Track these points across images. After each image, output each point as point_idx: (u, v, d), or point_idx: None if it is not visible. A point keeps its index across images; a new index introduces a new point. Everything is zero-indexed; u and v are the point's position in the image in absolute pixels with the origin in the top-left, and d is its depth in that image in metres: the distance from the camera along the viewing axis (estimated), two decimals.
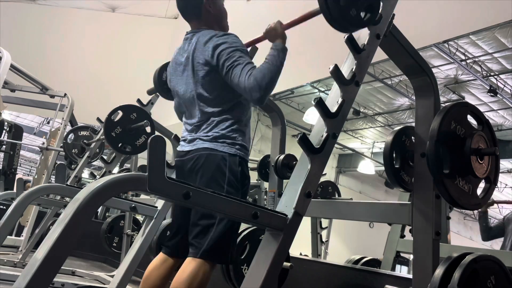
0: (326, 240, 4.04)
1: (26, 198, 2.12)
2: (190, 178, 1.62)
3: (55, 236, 0.87)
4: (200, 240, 1.51)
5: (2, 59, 3.92)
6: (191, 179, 1.61)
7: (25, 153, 14.83)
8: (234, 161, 1.59)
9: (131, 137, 2.91)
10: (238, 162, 1.60)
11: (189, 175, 1.63)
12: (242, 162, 1.63)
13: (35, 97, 4.91)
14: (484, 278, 1.14)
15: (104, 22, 7.75)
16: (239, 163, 1.60)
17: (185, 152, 1.67)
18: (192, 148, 1.64)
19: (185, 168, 1.65)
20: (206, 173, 1.57)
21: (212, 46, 1.59)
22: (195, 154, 1.62)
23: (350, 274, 2.23)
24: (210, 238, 1.50)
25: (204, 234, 1.52)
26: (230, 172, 1.57)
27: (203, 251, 1.49)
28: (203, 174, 1.58)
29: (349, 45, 1.33)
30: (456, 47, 6.29)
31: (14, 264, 3.28)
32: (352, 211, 1.82)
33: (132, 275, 2.05)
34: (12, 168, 5.52)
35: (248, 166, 1.71)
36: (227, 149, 1.58)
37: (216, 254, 1.51)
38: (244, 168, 1.64)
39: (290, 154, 2.38)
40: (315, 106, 1.23)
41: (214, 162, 1.57)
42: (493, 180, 1.38)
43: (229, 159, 1.57)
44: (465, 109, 1.39)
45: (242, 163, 1.63)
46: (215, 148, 1.59)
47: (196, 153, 1.62)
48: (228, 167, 1.57)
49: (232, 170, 1.58)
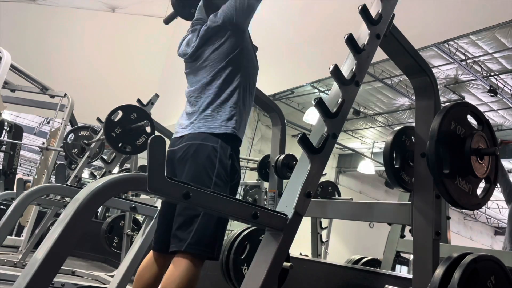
0: (326, 240, 4.05)
1: (26, 198, 2.12)
2: (179, 168, 1.60)
3: (55, 236, 0.87)
4: (184, 232, 1.46)
5: (2, 59, 3.92)
6: (180, 169, 1.59)
7: (25, 153, 14.84)
8: (225, 153, 1.57)
9: (131, 137, 2.91)
10: (228, 155, 1.58)
11: (179, 165, 1.61)
12: (233, 155, 1.61)
13: (35, 97, 4.91)
14: (484, 278, 1.14)
15: (104, 22, 7.76)
16: (229, 156, 1.59)
17: (177, 138, 1.67)
18: (185, 133, 1.64)
19: (175, 158, 1.63)
20: (196, 163, 1.55)
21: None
22: (186, 143, 1.61)
23: (350, 274, 2.23)
24: (194, 230, 1.45)
25: (188, 225, 1.47)
26: (220, 164, 1.54)
27: (187, 244, 1.44)
28: (192, 164, 1.56)
29: (349, 45, 1.33)
30: (456, 47, 6.29)
31: (14, 264, 3.28)
32: (352, 211, 1.82)
33: (132, 275, 2.05)
34: (12, 168, 5.53)
35: (239, 159, 1.69)
36: (223, 129, 1.58)
37: (201, 247, 1.45)
38: (235, 162, 1.63)
39: (290, 154, 2.38)
40: (315, 106, 1.23)
41: (204, 152, 1.55)
42: (493, 180, 1.38)
43: (220, 151, 1.56)
44: (465, 109, 1.39)
45: (233, 156, 1.61)
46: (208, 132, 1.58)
47: (187, 142, 1.61)
48: (218, 159, 1.55)
49: (222, 162, 1.55)
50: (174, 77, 7.44)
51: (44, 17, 7.36)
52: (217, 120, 1.61)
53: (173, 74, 7.52)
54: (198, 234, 1.45)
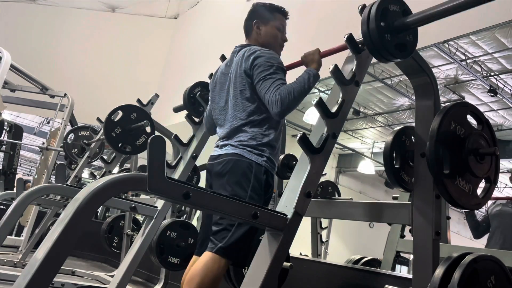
0: (326, 240, 4.04)
1: (26, 198, 2.12)
2: (217, 181, 1.70)
3: (55, 236, 0.87)
4: (219, 238, 1.57)
5: (2, 59, 3.92)
6: (217, 182, 1.69)
7: (25, 153, 14.83)
8: (260, 170, 1.65)
9: (131, 137, 2.91)
10: (263, 171, 1.66)
11: (216, 178, 1.71)
12: (268, 172, 1.69)
13: (35, 97, 4.92)
14: (484, 278, 1.14)
15: (104, 22, 7.77)
16: (264, 172, 1.67)
17: (215, 156, 1.75)
18: (222, 153, 1.72)
19: (213, 171, 1.73)
20: (232, 177, 1.64)
21: (253, 57, 1.70)
22: (225, 158, 1.69)
23: (350, 274, 2.23)
24: (229, 237, 1.56)
25: (224, 232, 1.57)
26: (255, 179, 1.63)
27: (219, 247, 1.55)
28: (229, 178, 1.65)
29: (349, 45, 1.33)
30: (456, 47, 6.28)
31: (14, 264, 3.28)
32: (352, 211, 1.82)
33: (132, 275, 2.05)
34: (12, 168, 5.52)
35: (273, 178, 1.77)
36: (254, 158, 1.65)
37: (231, 253, 1.56)
38: (269, 178, 1.71)
39: (290, 154, 2.38)
40: (315, 106, 1.23)
41: (241, 167, 1.64)
42: (493, 180, 1.38)
43: (255, 167, 1.64)
44: (465, 109, 1.39)
45: (268, 173, 1.69)
46: (243, 155, 1.65)
47: (225, 158, 1.69)
48: (254, 174, 1.63)
49: (257, 177, 1.64)
50: (174, 77, 7.44)
51: (44, 17, 7.36)
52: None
53: (173, 74, 7.53)
54: (232, 241, 1.55)
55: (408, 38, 1.33)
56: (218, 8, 6.72)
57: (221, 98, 1.83)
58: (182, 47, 7.52)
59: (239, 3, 5.50)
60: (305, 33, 4.50)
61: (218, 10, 6.72)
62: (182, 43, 7.54)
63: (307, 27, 4.64)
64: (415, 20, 1.28)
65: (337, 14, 4.34)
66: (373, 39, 1.25)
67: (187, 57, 7.20)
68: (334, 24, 4.30)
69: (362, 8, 1.32)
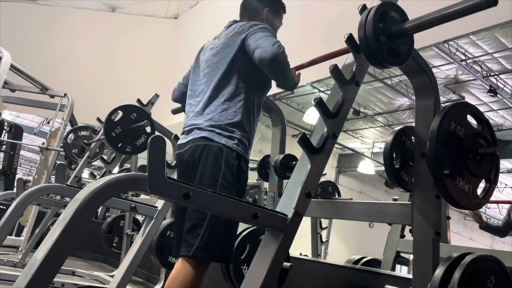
0: (326, 240, 4.04)
1: (26, 198, 2.12)
2: (188, 170, 1.60)
3: (55, 236, 0.87)
4: (192, 236, 1.47)
5: (2, 59, 3.92)
6: (189, 172, 1.59)
7: (25, 153, 14.83)
8: (231, 154, 1.56)
9: (131, 137, 2.91)
10: (235, 155, 1.58)
11: (187, 168, 1.61)
12: (240, 157, 1.60)
13: (35, 97, 4.91)
14: (484, 278, 1.14)
15: (104, 22, 7.76)
16: (236, 156, 1.58)
17: (183, 143, 1.68)
18: (189, 139, 1.63)
19: (183, 160, 1.64)
20: (201, 166, 1.55)
21: (249, 26, 1.68)
22: (192, 145, 1.61)
23: (350, 274, 2.23)
24: (202, 233, 1.45)
25: (196, 228, 1.47)
26: (226, 165, 1.54)
27: (195, 248, 1.45)
28: (198, 167, 1.56)
29: (349, 45, 1.33)
30: (456, 47, 6.29)
31: (14, 264, 3.28)
32: (352, 211, 1.82)
33: (132, 275, 2.05)
34: (12, 168, 5.52)
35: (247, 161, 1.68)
36: (224, 141, 1.56)
37: (211, 251, 1.46)
38: (242, 163, 1.62)
39: (290, 154, 2.38)
40: (315, 106, 1.23)
41: (210, 152, 1.55)
42: (493, 180, 1.38)
43: (225, 151, 1.55)
44: (465, 109, 1.39)
45: (240, 157, 1.60)
46: (212, 138, 1.57)
47: (192, 144, 1.61)
48: (224, 159, 1.54)
49: (228, 163, 1.55)
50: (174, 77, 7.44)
51: (44, 17, 7.35)
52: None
53: (173, 74, 7.51)
54: (206, 238, 1.45)
55: (403, 48, 1.33)
56: (218, 8, 6.71)
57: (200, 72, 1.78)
58: (182, 47, 7.51)
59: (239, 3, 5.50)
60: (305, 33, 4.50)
61: (218, 10, 6.71)
62: (182, 43, 7.53)
63: (307, 27, 4.65)
64: (412, 26, 1.29)
65: (337, 14, 4.34)
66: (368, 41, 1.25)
67: (187, 57, 7.19)
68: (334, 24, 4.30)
69: (362, 9, 1.32)
